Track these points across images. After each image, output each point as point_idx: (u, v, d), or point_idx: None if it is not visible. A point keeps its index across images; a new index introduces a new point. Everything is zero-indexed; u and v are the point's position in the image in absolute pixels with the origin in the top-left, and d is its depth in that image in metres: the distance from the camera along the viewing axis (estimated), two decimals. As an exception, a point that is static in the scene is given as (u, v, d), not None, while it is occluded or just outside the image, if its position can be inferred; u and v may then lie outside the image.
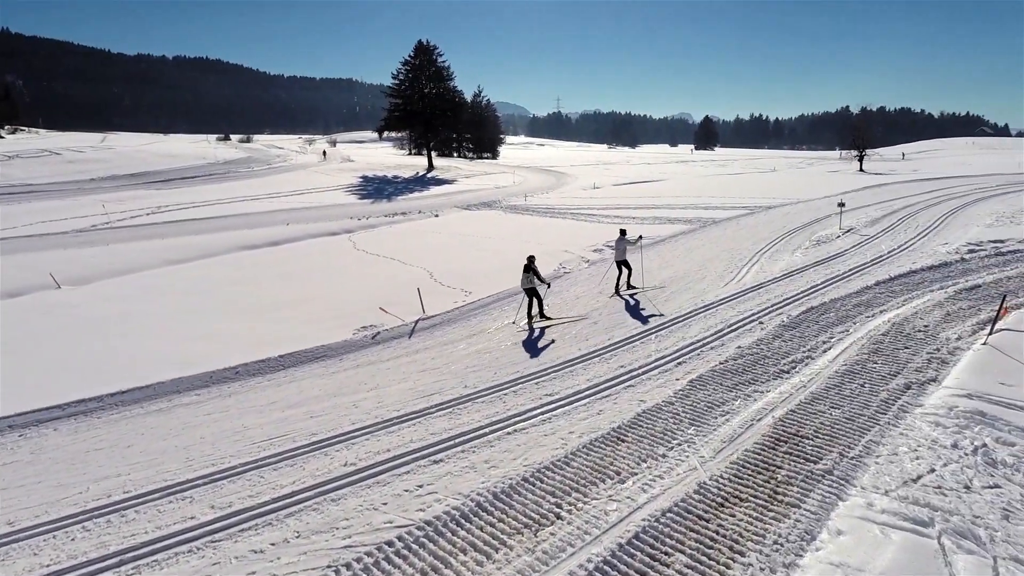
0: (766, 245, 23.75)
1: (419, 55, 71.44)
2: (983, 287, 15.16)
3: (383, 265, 23.88)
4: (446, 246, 27.46)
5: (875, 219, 27.77)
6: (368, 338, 15.49)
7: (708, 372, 11.44)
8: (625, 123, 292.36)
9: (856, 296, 15.37)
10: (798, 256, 21.11)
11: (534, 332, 15.27)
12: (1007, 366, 10.32)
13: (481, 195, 50.69)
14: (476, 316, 16.96)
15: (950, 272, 16.90)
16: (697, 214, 33.30)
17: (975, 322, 12.85)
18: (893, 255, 20.11)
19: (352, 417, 10.95)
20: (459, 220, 36.62)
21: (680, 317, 15.14)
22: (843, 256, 20.51)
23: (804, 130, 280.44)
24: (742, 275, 19.03)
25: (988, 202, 31.93)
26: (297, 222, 36.20)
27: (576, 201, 43.82)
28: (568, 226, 31.97)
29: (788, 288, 16.81)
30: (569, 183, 62.15)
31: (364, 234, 32.44)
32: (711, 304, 16.00)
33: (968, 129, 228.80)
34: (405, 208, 42.85)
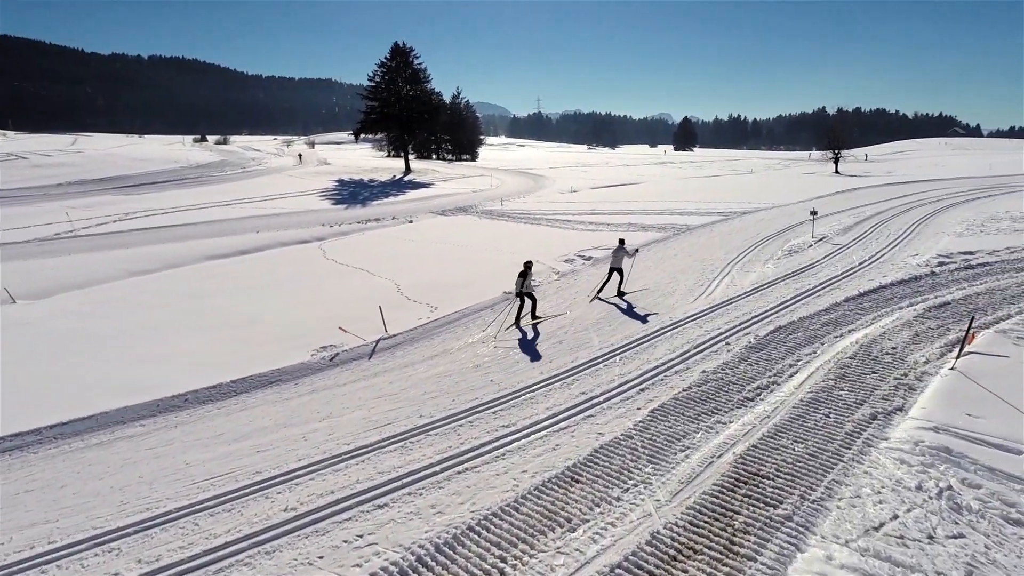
0: (738, 255, 23.47)
1: (395, 57, 70.74)
2: (952, 304, 14.91)
3: (352, 276, 23.29)
4: (417, 255, 26.93)
5: (847, 227, 27.63)
6: (326, 360, 14.93)
7: (671, 400, 11.03)
8: (605, 124, 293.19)
9: (825, 314, 15.06)
10: (770, 268, 20.83)
11: (501, 349, 14.81)
12: (974, 394, 10.01)
13: (457, 199, 50.17)
14: (440, 334, 16.45)
15: (920, 287, 16.67)
16: (672, 220, 33.02)
17: (943, 343, 12.56)
18: (864, 267, 19.89)
19: (300, 452, 10.41)
20: (433, 226, 36.07)
21: (647, 336, 14.74)
22: (814, 268, 20.26)
23: (782, 131, 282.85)
24: (712, 289, 18.68)
25: (959, 208, 31.96)
26: (268, 229, 35.45)
27: (553, 206, 43.44)
28: (542, 233, 31.55)
29: (757, 304, 16.48)
30: (547, 186, 61.80)
31: (336, 242, 31.80)
32: (679, 322, 15.63)
33: (941, 129, 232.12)
34: (380, 214, 42.20)
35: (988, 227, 24.15)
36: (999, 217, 26.80)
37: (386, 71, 70.77)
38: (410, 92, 71.18)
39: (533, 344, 15.16)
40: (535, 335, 15.80)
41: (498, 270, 22.94)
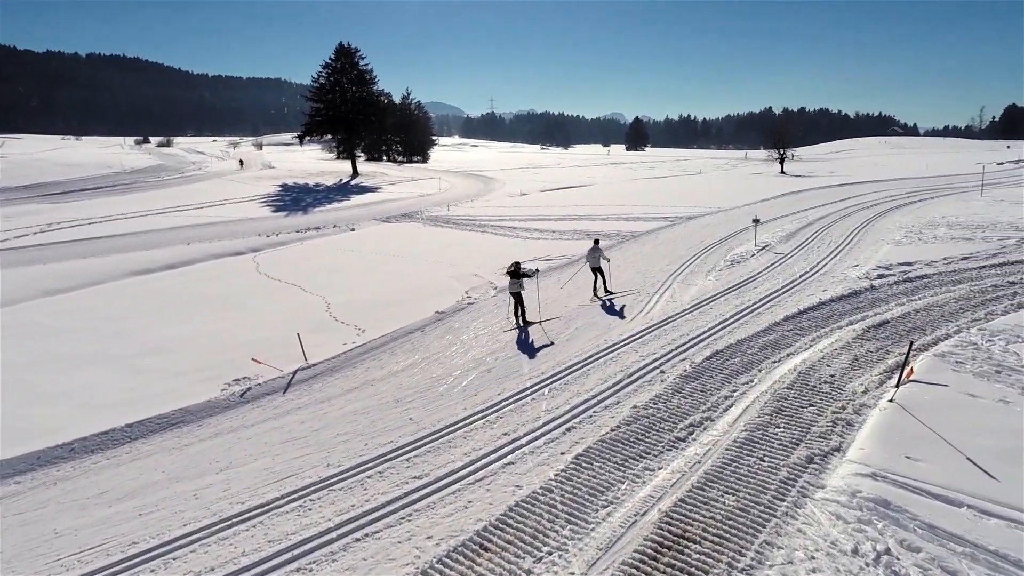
0: (681, 266, 22.88)
1: (340, 58, 68.92)
2: (891, 323, 14.41)
3: (282, 293, 22.00)
4: (355, 267, 25.76)
5: (790, 233, 27.37)
6: (237, 396, 13.69)
7: (597, 443, 10.16)
8: (558, 124, 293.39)
9: (764, 335, 14.43)
10: (711, 280, 20.25)
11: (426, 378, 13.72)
12: (913, 431, 9.39)
13: (404, 205, 48.95)
14: (364, 362, 15.34)
15: (859, 303, 16.19)
16: (617, 227, 32.42)
17: (883, 369, 11.99)
18: (805, 279, 19.44)
19: (188, 514, 9.23)
20: (375, 235, 34.84)
21: (579, 363, 13.88)
22: (756, 280, 19.74)
23: (731, 130, 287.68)
24: (651, 306, 17.97)
25: (898, 213, 32.10)
26: (201, 240, 33.72)
27: (500, 211, 42.54)
28: (486, 242, 30.60)
29: (696, 324, 15.79)
30: (497, 189, 60.90)
31: (271, 254, 30.34)
32: (614, 345, 14.82)
33: (881, 128, 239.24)
34: (321, 221, 40.69)
35: (926, 234, 24.06)
36: (936, 223, 26.85)
37: (331, 72, 68.87)
38: (356, 94, 69.39)
39: (460, 371, 14.19)
40: (464, 360, 14.83)
41: (434, 285, 21.94)
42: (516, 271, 16.91)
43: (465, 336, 16.84)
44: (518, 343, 15.80)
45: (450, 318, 18.40)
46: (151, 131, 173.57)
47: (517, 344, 15.72)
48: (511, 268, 17.04)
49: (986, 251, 20.49)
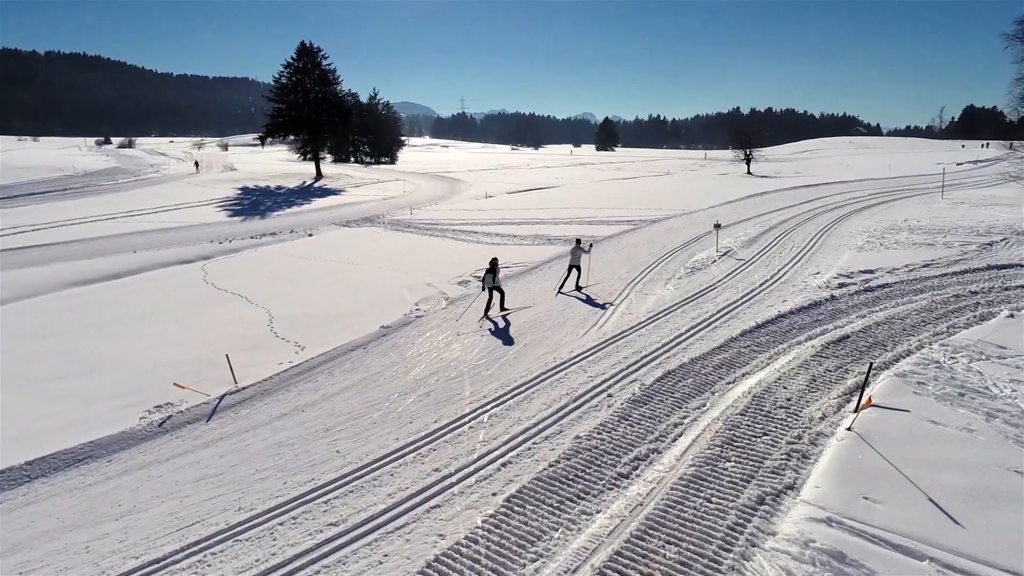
0: (640, 273, 22.13)
1: (303, 57, 67.26)
2: (851, 339, 13.70)
3: (226, 305, 20.78)
4: (306, 276, 24.57)
5: (752, 238, 26.80)
6: (155, 425, 12.54)
7: (533, 481, 9.24)
8: (529, 124, 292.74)
9: (720, 352, 13.63)
10: (669, 290, 19.49)
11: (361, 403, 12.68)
12: (872, 466, 8.63)
13: (366, 208, 47.76)
14: (298, 384, 14.27)
15: (819, 315, 15.50)
16: (581, 231, 31.60)
17: (841, 391, 11.25)
18: (765, 288, 18.77)
19: (74, 572, 8.14)
20: (334, 240, 33.65)
21: (524, 385, 12.97)
22: (715, 290, 19.02)
23: (700, 130, 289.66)
24: (606, 318, 17.12)
25: (860, 216, 31.76)
26: (150, 247, 32.22)
27: (464, 214, 41.56)
28: (445, 248, 29.60)
29: (650, 340, 14.97)
30: (463, 191, 59.94)
31: (222, 261, 29.01)
32: (563, 364, 13.93)
33: (845, 128, 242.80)
34: (279, 226, 39.31)
35: (888, 239, 23.60)
36: (898, 227, 26.47)
37: (293, 72, 67.17)
38: (319, 94, 67.77)
39: (398, 395, 13.20)
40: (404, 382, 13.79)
41: (385, 296, 20.91)
42: (493, 267, 17.98)
43: (409, 353, 15.85)
44: (462, 362, 14.85)
45: (395, 333, 17.39)
46: (113, 132, 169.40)
47: (461, 363, 14.77)
48: (489, 266, 18.09)
49: (947, 257, 20.03)
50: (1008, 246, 21.29)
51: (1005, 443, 8.99)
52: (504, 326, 17.33)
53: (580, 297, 19.57)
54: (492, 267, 18.02)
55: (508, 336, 16.41)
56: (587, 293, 18.89)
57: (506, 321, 17.72)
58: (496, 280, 18.05)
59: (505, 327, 17.27)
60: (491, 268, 18.00)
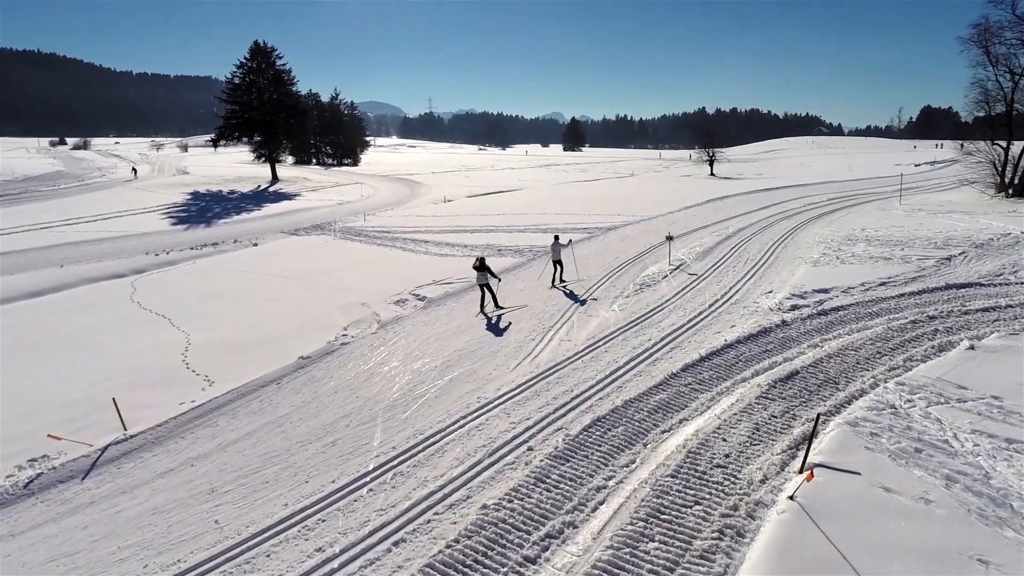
0: (586, 290, 20.72)
1: (256, 57, 64.72)
2: (800, 375, 12.34)
3: (144, 329, 19.03)
4: (238, 294, 22.84)
5: (707, 249, 25.56)
6: (21, 486, 10.77)
7: (423, 569, 7.72)
8: (497, 124, 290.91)
9: (657, 392, 12.19)
10: (614, 311, 18.06)
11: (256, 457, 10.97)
12: (816, 552, 7.24)
13: (318, 215, 45.88)
14: (196, 429, 12.57)
15: (768, 345, 14.14)
16: (533, 240, 30.18)
17: (786, 445, 9.86)
18: (715, 309, 17.41)
19: None
20: (278, 251, 31.82)
21: (440, 432, 11.43)
22: (662, 311, 17.63)
23: (667, 130, 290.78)
24: (542, 347, 15.61)
25: (818, 224, 30.69)
26: (80, 260, 30.06)
27: (419, 221, 39.92)
28: (392, 259, 27.99)
29: (584, 375, 13.50)
30: (422, 195, 58.28)
31: (155, 276, 27.10)
32: (487, 405, 12.41)
33: (808, 128, 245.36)
34: (223, 235, 37.26)
35: (844, 251, 22.43)
36: (855, 237, 25.40)
37: (246, 72, 64.61)
38: (274, 95, 65.30)
39: (301, 444, 11.57)
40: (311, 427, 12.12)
41: (315, 317, 19.34)
42: (481, 265, 18.73)
43: (325, 389, 14.22)
44: (379, 401, 13.26)
45: (315, 364, 15.74)
46: (70, 132, 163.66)
47: (378, 403, 13.18)
48: (476, 263, 18.84)
49: (905, 274, 18.89)
50: (966, 261, 20.26)
51: (967, 520, 7.68)
52: (432, 353, 15.78)
53: (523, 316, 18.10)
54: (480, 265, 18.73)
55: (434, 368, 14.86)
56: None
57: (436, 348, 16.16)
58: (486, 277, 18.76)
59: (434, 354, 15.72)
60: (479, 266, 18.71)
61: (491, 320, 18.31)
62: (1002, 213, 29.85)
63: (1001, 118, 40.52)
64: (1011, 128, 39.47)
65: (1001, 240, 23.18)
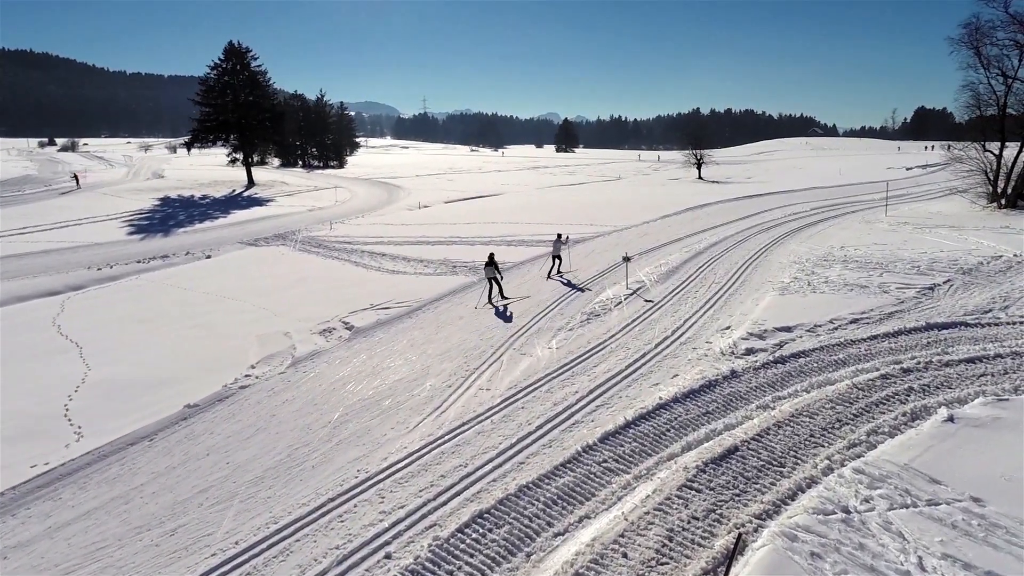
0: (530, 320, 18.40)
1: (230, 58, 62.36)
2: (740, 453, 9.86)
3: (48, 362, 16.91)
4: (165, 317, 20.75)
5: (673, 268, 23.22)
6: None
7: None
8: (491, 124, 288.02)
9: (564, 472, 9.77)
10: (551, 349, 15.68)
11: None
12: None
13: (285, 222, 43.81)
14: (30, 506, 10.50)
15: (710, 405, 11.67)
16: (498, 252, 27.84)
17: (701, 569, 7.54)
18: (661, 350, 14.97)
19: None
20: (228, 265, 29.78)
21: (295, 523, 9.12)
22: (603, 350, 15.24)
23: (661, 131, 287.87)
24: (456, 397, 13.26)
25: (796, 239, 28.21)
26: (16, 276, 28.03)
27: (386, 230, 37.79)
28: (338, 277, 25.92)
29: (488, 442, 11.10)
30: (400, 200, 56.19)
31: (91, 294, 25.23)
32: (364, 482, 10.09)
33: (802, 129, 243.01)
34: (178, 246, 35.14)
35: (817, 276, 19.95)
36: (832, 257, 22.91)
37: (220, 73, 62.26)
38: (249, 97, 62.93)
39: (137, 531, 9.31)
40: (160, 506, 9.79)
41: (229, 350, 17.33)
42: (491, 261, 20.59)
43: (197, 450, 12.00)
44: (248, 470, 10.98)
45: (200, 415, 13.51)
46: (61, 132, 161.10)
47: (246, 472, 10.90)
48: (488, 260, 20.72)
49: (881, 309, 16.40)
50: (951, 292, 17.83)
51: None
52: (334, 402, 13.49)
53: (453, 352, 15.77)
54: (490, 261, 20.60)
55: (327, 424, 12.57)
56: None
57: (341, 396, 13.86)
58: (494, 272, 20.48)
59: (336, 403, 13.43)
60: (490, 262, 20.56)
61: (417, 356, 16.02)
62: (993, 229, 27.40)
63: (994, 122, 38.13)
64: (1004, 134, 37.05)
65: (991, 264, 20.76)
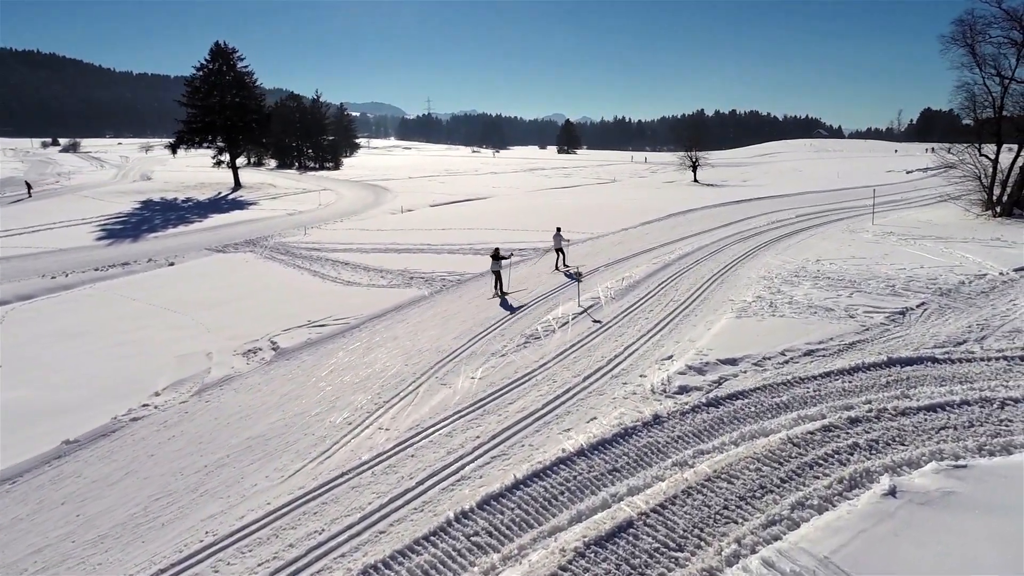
0: (467, 342, 16.69)
1: (216, 59, 60.98)
2: (633, 530, 7.86)
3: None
4: (98, 332, 19.34)
5: (635, 282, 21.41)
6: None
7: None
8: (495, 125, 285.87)
9: (421, 548, 7.86)
10: (473, 380, 13.92)
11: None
12: None
13: (261, 227, 42.50)
14: None
15: (619, 461, 9.66)
16: (456, 265, 26.31)
17: None
18: (588, 385, 13.07)
19: None
20: (187, 274, 28.30)
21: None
22: (527, 384, 13.43)
23: (665, 131, 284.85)
24: (351, 437, 11.56)
25: (773, 250, 26.09)
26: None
27: (361, 235, 36.30)
28: (292, 287, 24.62)
29: (358, 500, 9.31)
30: (385, 203, 54.80)
31: (37, 305, 24.15)
32: (202, 551, 8.45)
33: (808, 131, 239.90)
34: (143, 253, 33.90)
35: (782, 296, 18.01)
36: (804, 272, 20.91)
37: (206, 74, 60.90)
38: (236, 98, 61.52)
39: None
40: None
41: (142, 372, 15.89)
42: (496, 255, 21.44)
43: (54, 497, 10.54)
44: (94, 526, 9.38)
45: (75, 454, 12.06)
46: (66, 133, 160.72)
47: (88, 531, 9.29)
48: (493, 252, 21.68)
49: (842, 338, 14.43)
50: (924, 318, 15.86)
51: None
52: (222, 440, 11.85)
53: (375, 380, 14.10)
54: (496, 255, 21.42)
55: (201, 469, 10.94)
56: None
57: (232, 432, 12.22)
58: (500, 265, 21.35)
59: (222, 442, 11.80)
60: (495, 256, 21.38)
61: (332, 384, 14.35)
62: (983, 241, 25.29)
63: (989, 125, 35.99)
64: (1000, 138, 34.90)
65: (973, 285, 18.78)
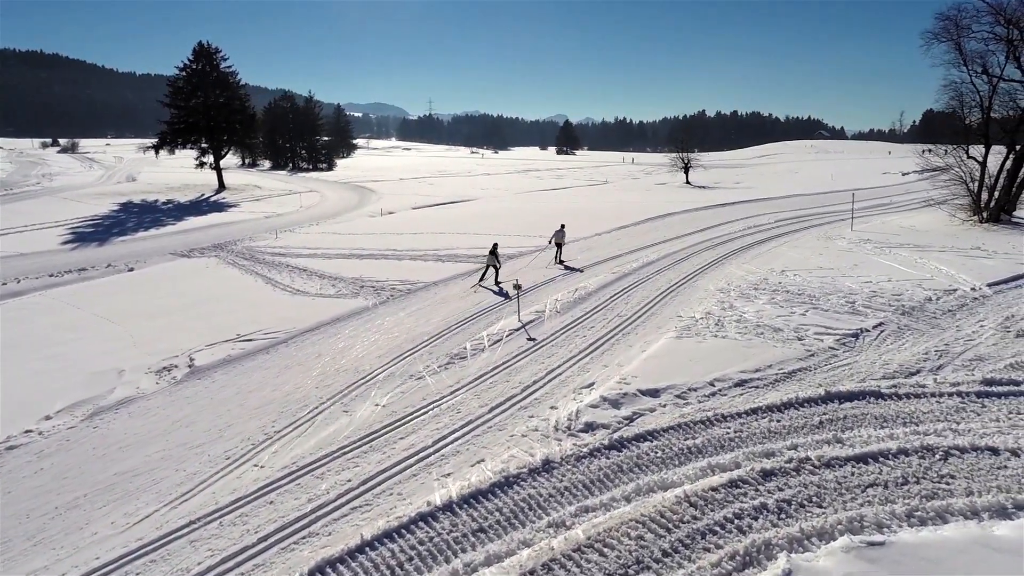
0: (386, 364, 15.34)
1: (199, 59, 59.87)
2: None
3: None
4: (27, 344, 18.44)
5: (585, 294, 20.05)
6: None
7: None
8: (496, 126, 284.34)
9: None
10: (379, 406, 12.65)
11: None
12: None
13: (233, 230, 41.57)
14: None
15: (486, 521, 7.92)
16: (419, 273, 25.14)
17: None
18: (496, 415, 11.72)
19: None
20: (144, 280, 27.10)
21: None
22: (432, 411, 12.07)
23: (666, 132, 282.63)
24: (218, 477, 10.26)
25: (740, 258, 24.38)
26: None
27: (331, 239, 35.19)
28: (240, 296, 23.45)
29: (190, 559, 7.99)
30: (368, 204, 53.64)
31: None
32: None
33: (809, 132, 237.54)
34: (105, 258, 32.94)
35: (731, 314, 16.31)
36: (765, 284, 19.26)
37: (189, 75, 59.81)
38: (220, 98, 60.39)
39: None
40: None
41: (47, 395, 14.46)
42: (493, 250, 22.53)
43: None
44: None
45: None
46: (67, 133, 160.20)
47: None
48: (491, 249, 22.62)
49: (782, 365, 12.84)
50: (878, 341, 14.20)
51: None
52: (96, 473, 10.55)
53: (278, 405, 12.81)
54: (492, 250, 22.49)
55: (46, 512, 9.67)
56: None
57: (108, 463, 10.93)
58: (495, 260, 22.34)
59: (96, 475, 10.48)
60: (492, 251, 22.46)
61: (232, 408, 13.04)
62: (962, 251, 23.60)
63: (978, 126, 34.38)
64: (988, 139, 33.29)
65: (940, 302, 17.19)
